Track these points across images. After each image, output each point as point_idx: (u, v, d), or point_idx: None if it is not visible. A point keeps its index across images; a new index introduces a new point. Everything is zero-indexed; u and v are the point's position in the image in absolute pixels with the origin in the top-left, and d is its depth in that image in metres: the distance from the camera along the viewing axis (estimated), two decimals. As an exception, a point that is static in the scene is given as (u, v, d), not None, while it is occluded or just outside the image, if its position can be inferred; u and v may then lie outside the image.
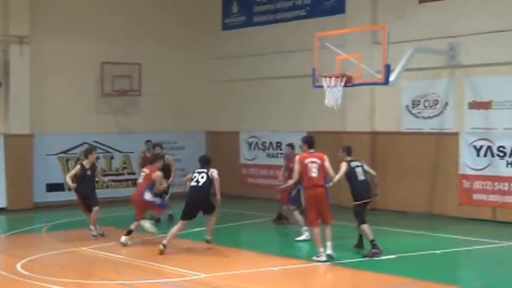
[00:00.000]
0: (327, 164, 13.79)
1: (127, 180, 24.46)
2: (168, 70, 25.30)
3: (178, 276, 12.43)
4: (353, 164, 14.58)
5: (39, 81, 22.67)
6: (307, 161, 13.75)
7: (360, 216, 14.38)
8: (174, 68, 25.42)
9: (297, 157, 14.13)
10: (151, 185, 15.86)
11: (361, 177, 14.50)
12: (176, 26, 25.54)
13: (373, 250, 14.05)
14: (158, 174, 16.02)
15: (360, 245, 14.70)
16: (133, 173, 24.43)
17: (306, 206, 14.19)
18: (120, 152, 24.39)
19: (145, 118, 24.79)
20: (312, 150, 13.98)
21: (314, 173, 13.64)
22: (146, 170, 16.21)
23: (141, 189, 15.85)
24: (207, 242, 15.10)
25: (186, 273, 12.55)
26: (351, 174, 14.42)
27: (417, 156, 20.16)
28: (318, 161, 13.74)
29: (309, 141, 14.18)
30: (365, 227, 14.29)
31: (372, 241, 14.16)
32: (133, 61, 24.10)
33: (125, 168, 24.52)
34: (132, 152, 24.34)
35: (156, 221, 17.48)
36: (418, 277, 12.36)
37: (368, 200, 14.55)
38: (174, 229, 14.66)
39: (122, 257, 14.17)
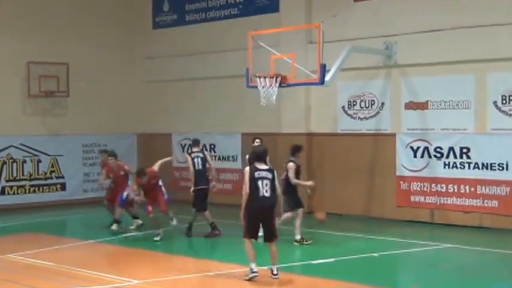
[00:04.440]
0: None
1: (55, 184, 24.02)
2: (98, 70, 24.87)
3: (110, 282, 12.23)
4: (193, 155, 17.30)
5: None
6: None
7: (198, 203, 16.96)
8: (103, 68, 25.03)
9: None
10: None
11: (198, 167, 17.09)
12: (105, 24, 25.15)
13: (213, 231, 16.89)
14: None
15: (188, 233, 17.02)
16: (62, 177, 24.06)
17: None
18: (48, 155, 23.88)
19: (74, 120, 24.33)
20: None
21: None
22: None
23: None
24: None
25: (118, 280, 12.38)
26: (192, 163, 17.15)
27: (354, 157, 20.20)
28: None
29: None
30: (206, 213, 16.98)
31: (211, 224, 16.97)
32: (61, 61, 23.63)
33: (52, 171, 23.99)
34: (61, 155, 24.04)
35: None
36: (356, 281, 12.32)
37: (203, 187, 17.05)
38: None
39: (52, 264, 13.84)
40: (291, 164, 16.08)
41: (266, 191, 12.13)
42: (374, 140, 19.94)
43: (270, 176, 12.23)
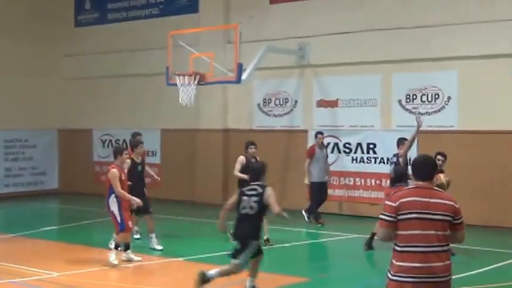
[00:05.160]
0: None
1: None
2: (20, 67, 24.51)
3: (31, 275, 12.14)
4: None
5: None
6: None
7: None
8: (26, 65, 24.67)
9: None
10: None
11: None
12: (28, 22, 24.78)
13: None
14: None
15: None
16: (-16, 172, 23.95)
17: None
18: (-33, 150, 23.65)
19: (-5, 115, 24.11)
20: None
21: None
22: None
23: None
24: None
25: (39, 272, 12.29)
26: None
27: (268, 153, 20.48)
28: None
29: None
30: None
31: None
32: (-19, 56, 23.34)
33: (-28, 168, 23.80)
34: (-18, 150, 23.78)
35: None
36: (267, 270, 12.31)
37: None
38: None
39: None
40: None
41: None
42: (287, 136, 20.49)
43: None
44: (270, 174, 20.18)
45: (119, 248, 13.03)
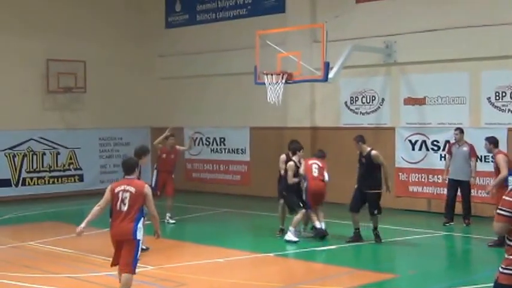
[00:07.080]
0: None
1: (74, 175, 24.17)
2: (113, 67, 24.89)
3: None
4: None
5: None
6: None
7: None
8: (118, 65, 25.04)
9: None
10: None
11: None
12: (121, 24, 25.23)
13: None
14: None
15: None
16: (80, 169, 24.22)
17: None
18: (66, 147, 23.96)
19: (90, 114, 24.45)
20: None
21: None
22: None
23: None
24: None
25: None
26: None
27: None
28: None
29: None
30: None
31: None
32: (78, 58, 23.65)
33: (71, 163, 24.12)
34: (78, 148, 24.16)
35: None
36: (357, 266, 12.45)
37: None
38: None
39: (70, 251, 13.90)
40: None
41: None
42: (375, 134, 20.00)
43: None
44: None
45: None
